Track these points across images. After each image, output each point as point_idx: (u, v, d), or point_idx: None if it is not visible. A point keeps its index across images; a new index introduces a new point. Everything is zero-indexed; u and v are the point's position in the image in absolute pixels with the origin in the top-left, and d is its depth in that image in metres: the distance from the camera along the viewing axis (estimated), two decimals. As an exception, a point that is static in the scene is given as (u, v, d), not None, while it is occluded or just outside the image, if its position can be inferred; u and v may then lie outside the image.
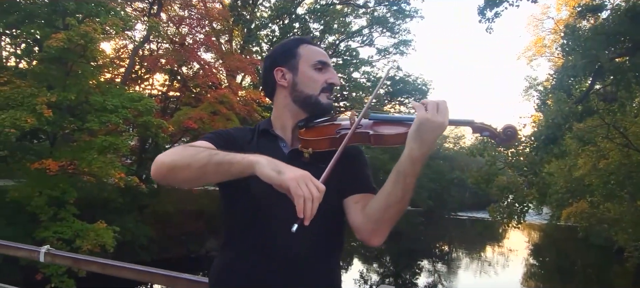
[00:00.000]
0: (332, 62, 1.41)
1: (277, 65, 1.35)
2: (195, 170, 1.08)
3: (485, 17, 13.06)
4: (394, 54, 23.71)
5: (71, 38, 9.32)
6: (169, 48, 15.68)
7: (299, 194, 0.94)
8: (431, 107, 1.11)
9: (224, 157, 1.06)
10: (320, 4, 21.58)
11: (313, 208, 0.96)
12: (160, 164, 1.13)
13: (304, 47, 1.36)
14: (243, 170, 1.04)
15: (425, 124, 1.09)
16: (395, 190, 1.14)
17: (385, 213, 1.17)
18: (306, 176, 0.98)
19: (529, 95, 23.95)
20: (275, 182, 0.99)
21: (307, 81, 1.31)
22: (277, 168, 1.00)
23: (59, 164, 9.47)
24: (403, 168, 1.12)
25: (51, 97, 9.29)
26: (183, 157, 1.11)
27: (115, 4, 12.44)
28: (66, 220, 9.54)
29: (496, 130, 1.19)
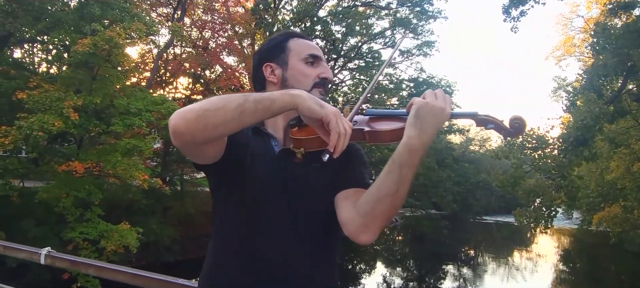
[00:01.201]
0: (325, 57, 1.34)
1: (266, 60, 1.30)
2: (232, 111, 0.98)
3: (511, 16, 12.76)
4: (417, 55, 23.41)
5: (96, 43, 9.57)
6: (192, 52, 15.94)
7: (336, 130, 0.98)
8: (430, 93, 1.08)
9: (261, 94, 1.01)
10: (342, 6, 21.51)
11: (344, 143, 0.99)
12: (184, 112, 1.00)
13: (294, 41, 1.30)
14: (284, 106, 1.01)
15: (424, 107, 1.04)
16: (388, 181, 1.05)
17: (377, 207, 1.07)
18: (338, 112, 1.01)
19: (558, 96, 23.24)
20: (317, 114, 1.00)
21: (298, 76, 1.25)
22: (319, 102, 1.01)
23: (84, 166, 9.74)
24: (399, 158, 1.04)
25: (78, 101, 9.56)
26: (212, 102, 1.00)
27: (140, 9, 12.75)
28: (92, 221, 9.78)
29: (502, 122, 1.10)
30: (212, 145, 1.09)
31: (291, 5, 20.99)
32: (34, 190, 10.14)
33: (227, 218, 1.21)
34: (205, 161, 1.17)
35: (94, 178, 10.37)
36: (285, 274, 1.13)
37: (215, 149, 1.13)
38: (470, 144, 41.27)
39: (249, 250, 1.15)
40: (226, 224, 1.21)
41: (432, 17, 22.32)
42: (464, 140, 37.99)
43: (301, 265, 1.15)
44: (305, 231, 1.17)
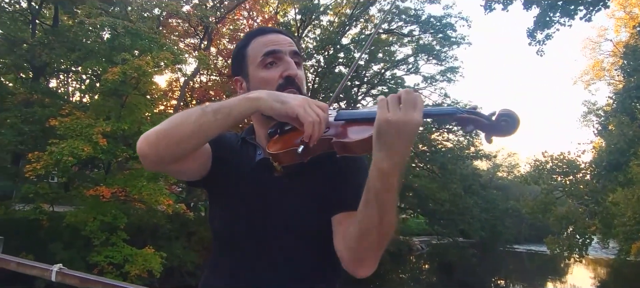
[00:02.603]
0: (294, 47, 1.15)
1: (234, 74, 1.20)
2: (191, 124, 0.94)
3: (536, 40, 12.57)
4: (440, 81, 23.30)
5: (126, 71, 9.93)
6: (218, 80, 16.32)
7: (308, 120, 0.91)
8: (392, 102, 0.86)
9: (219, 103, 0.95)
10: (365, 34, 21.75)
11: (321, 130, 0.92)
12: (147, 135, 0.99)
13: (253, 44, 1.15)
14: (244, 111, 0.95)
15: (385, 126, 0.85)
16: (369, 213, 0.90)
17: (364, 241, 0.93)
18: (308, 100, 0.94)
19: (588, 120, 22.57)
20: (281, 112, 0.94)
21: (259, 85, 1.10)
22: (280, 99, 0.95)
23: (111, 191, 9.96)
24: (373, 186, 0.88)
25: (106, 128, 9.86)
26: (171, 120, 0.98)
27: (169, 40, 13.22)
28: (117, 245, 9.92)
29: (487, 119, 0.87)
30: (184, 162, 1.02)
31: (314, 34, 21.39)
32: (62, 215, 10.40)
33: (215, 234, 1.16)
34: (191, 178, 1.13)
35: (120, 203, 10.58)
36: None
37: (193, 166, 1.07)
38: (498, 170, 40.30)
39: (228, 270, 1.09)
40: (214, 240, 1.16)
41: (455, 43, 22.26)
42: (492, 166, 37.14)
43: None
44: (284, 251, 1.05)
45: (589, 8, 10.97)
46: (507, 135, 0.86)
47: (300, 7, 19.80)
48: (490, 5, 11.96)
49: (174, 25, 15.56)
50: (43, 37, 11.52)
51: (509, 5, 11.85)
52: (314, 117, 0.91)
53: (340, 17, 21.17)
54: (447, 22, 21.42)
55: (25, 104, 10.88)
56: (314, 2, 19.84)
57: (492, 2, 11.90)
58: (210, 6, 15.47)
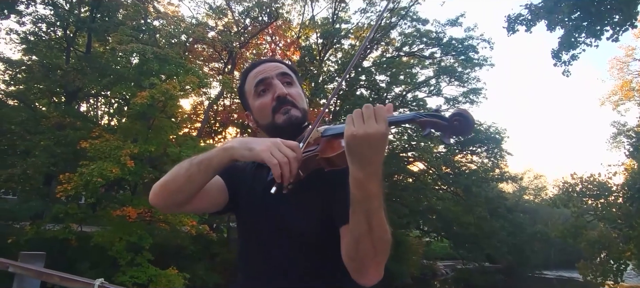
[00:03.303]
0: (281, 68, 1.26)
1: (244, 110, 1.34)
2: (182, 176, 1.10)
3: (561, 61, 12.38)
4: (463, 103, 23.07)
5: (154, 95, 10.24)
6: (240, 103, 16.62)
7: (273, 163, 0.96)
8: (357, 117, 0.91)
9: (203, 155, 1.08)
10: (386, 56, 21.88)
11: (292, 169, 0.96)
12: (153, 192, 1.17)
13: (247, 80, 1.29)
14: (221, 160, 1.06)
15: (352, 140, 0.90)
16: (357, 222, 0.96)
17: (359, 250, 0.98)
18: (276, 142, 0.99)
19: (618, 142, 21.87)
20: (249, 159, 1.02)
21: (259, 113, 1.25)
22: (248, 146, 1.02)
23: (137, 212, 10.14)
24: (353, 196, 0.94)
25: (134, 149, 10.12)
26: (170, 172, 1.14)
27: (194, 64, 13.61)
28: (142, 265, 10.05)
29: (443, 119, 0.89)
30: (192, 204, 1.16)
31: (335, 57, 21.62)
32: (90, 235, 10.63)
33: (238, 253, 1.27)
34: (211, 211, 1.27)
35: (145, 223, 10.75)
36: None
37: (203, 204, 1.22)
38: (524, 193, 39.25)
39: (242, 283, 1.21)
40: (239, 258, 1.26)
41: (477, 64, 22.11)
42: (518, 189, 36.21)
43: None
44: (296, 253, 1.14)
45: (616, 28, 10.77)
46: (463, 134, 0.87)
47: (321, 31, 20.13)
48: (513, 27, 11.87)
49: (199, 50, 16.02)
50: (76, 63, 12.03)
51: (532, 26, 11.73)
52: (281, 159, 0.96)
53: (361, 40, 21.37)
54: (469, 44, 21.34)
55: (58, 127, 11.30)
56: (335, 26, 20.15)
57: (515, 24, 11.82)
58: (235, 32, 15.90)
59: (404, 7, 20.11)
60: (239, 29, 16.09)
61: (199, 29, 13.56)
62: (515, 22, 11.67)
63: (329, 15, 20.59)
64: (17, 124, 11.17)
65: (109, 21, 12.37)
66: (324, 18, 20.80)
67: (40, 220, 10.35)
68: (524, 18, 11.55)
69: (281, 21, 17.91)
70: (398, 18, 20.46)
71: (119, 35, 11.10)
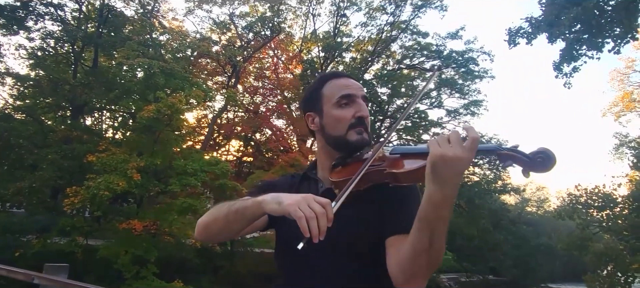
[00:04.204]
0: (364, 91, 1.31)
1: (307, 110, 1.34)
2: (221, 221, 1.16)
3: (563, 73, 12.47)
4: (464, 114, 23.17)
5: (160, 109, 10.34)
6: (244, 116, 16.73)
7: (298, 216, 0.95)
8: (443, 141, 0.96)
9: (240, 204, 1.11)
10: (387, 69, 22.02)
11: (320, 225, 0.94)
12: (198, 226, 1.24)
13: (328, 85, 1.30)
14: (255, 211, 1.08)
15: (439, 161, 0.94)
16: (420, 238, 1.00)
17: (414, 264, 1.03)
18: (307, 197, 0.98)
19: (621, 153, 21.88)
20: (278, 213, 1.01)
21: (333, 122, 1.26)
22: (278, 199, 1.02)
23: (143, 225, 10.16)
24: (425, 215, 0.98)
25: (140, 163, 10.18)
26: (212, 213, 1.21)
27: (199, 78, 13.74)
28: (147, 278, 10.02)
29: (524, 156, 0.95)
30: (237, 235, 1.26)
31: (337, 70, 21.77)
32: (95, 248, 10.62)
33: (279, 269, 1.29)
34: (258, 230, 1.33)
35: (150, 236, 10.75)
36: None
37: (250, 231, 1.27)
38: (526, 205, 39.10)
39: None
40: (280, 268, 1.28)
41: (478, 77, 22.23)
42: (520, 201, 36.08)
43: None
44: (345, 273, 1.16)
45: (617, 40, 10.87)
46: (544, 171, 0.94)
47: (323, 45, 20.31)
48: (514, 39, 11.97)
49: (204, 64, 16.20)
50: (83, 77, 12.16)
51: (533, 39, 11.83)
52: (308, 213, 0.94)
53: (363, 53, 21.56)
54: (469, 57, 21.49)
55: (64, 141, 11.38)
56: (337, 40, 20.33)
57: (516, 37, 11.92)
58: (238, 46, 16.08)
59: (405, 21, 20.32)
60: (243, 43, 16.28)
61: (204, 43, 13.73)
62: (516, 35, 11.77)
63: (330, 29, 20.80)
64: (25, 138, 11.25)
65: (116, 36, 12.52)
66: (326, 32, 21.01)
67: (47, 233, 10.36)
68: (524, 31, 11.65)
69: (283, 35, 18.12)
70: (399, 31, 20.66)
71: (125, 50, 11.24)
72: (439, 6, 19.74)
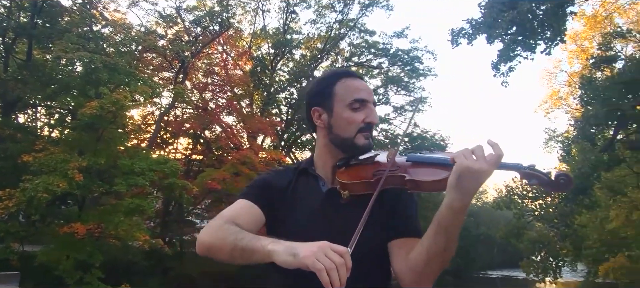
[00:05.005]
0: (373, 96, 1.32)
1: (313, 105, 1.32)
2: (227, 253, 1.08)
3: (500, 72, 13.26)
4: (409, 111, 23.99)
5: (103, 105, 9.83)
6: (193, 113, 16.29)
7: (318, 268, 0.89)
8: (469, 154, 1.02)
9: (248, 243, 1.04)
10: (336, 66, 22.29)
11: (340, 275, 0.90)
12: (200, 244, 1.16)
13: (341, 84, 1.29)
14: (263, 259, 1.01)
15: (466, 172, 0.99)
16: (437, 242, 1.06)
17: (428, 266, 1.09)
18: (323, 246, 0.93)
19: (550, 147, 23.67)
20: (293, 266, 0.94)
21: (343, 124, 1.26)
22: (292, 251, 0.95)
23: (86, 228, 9.64)
24: (444, 220, 1.04)
25: (82, 162, 9.63)
26: (217, 239, 1.11)
27: (144, 74, 13.19)
28: (92, 284, 9.55)
29: (547, 177, 1.05)
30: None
31: (288, 67, 21.75)
32: (33, 254, 9.94)
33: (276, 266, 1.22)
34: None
35: (94, 239, 10.22)
36: None
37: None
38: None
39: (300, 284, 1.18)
40: (274, 273, 1.21)
41: (422, 75, 23.05)
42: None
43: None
44: (358, 268, 1.11)
45: (548, 43, 11.74)
46: (565, 191, 1.09)
47: (273, 41, 20.21)
48: (457, 40, 12.55)
49: (149, 59, 15.55)
50: (16, 71, 11.27)
51: (474, 40, 12.46)
52: (328, 264, 0.90)
53: (312, 51, 21.69)
54: (414, 55, 22.22)
55: (-5, 140, 10.52)
56: (287, 37, 20.30)
57: (458, 37, 12.51)
58: (186, 41, 15.61)
59: (353, 19, 20.67)
60: (190, 38, 15.81)
61: (150, 37, 13.19)
62: (458, 36, 12.36)
63: (280, 26, 20.73)
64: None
65: (52, 28, 11.72)
66: (275, 28, 20.91)
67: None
68: (466, 32, 12.26)
69: (233, 31, 17.81)
70: (347, 29, 20.98)
71: (63, 43, 10.54)
72: (386, 5, 20.25)
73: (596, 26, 19.35)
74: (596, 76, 13.13)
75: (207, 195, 14.50)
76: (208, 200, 15.25)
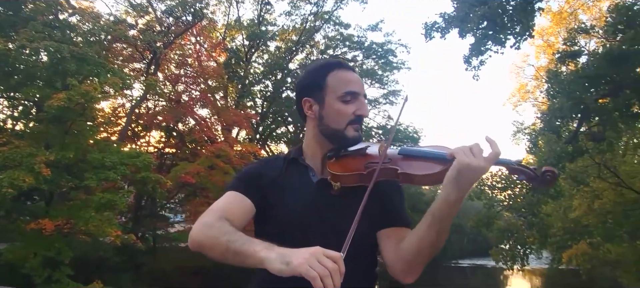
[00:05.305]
0: (365, 89, 1.34)
1: (304, 95, 1.32)
2: (219, 254, 1.07)
3: (471, 66, 13.56)
4: (383, 104, 24.27)
5: (72, 97, 9.50)
6: (166, 105, 15.96)
7: (312, 276, 0.88)
8: (467, 152, 1.06)
9: (240, 247, 1.02)
10: (311, 59, 22.28)
11: (334, 281, 0.89)
12: (192, 241, 1.15)
13: (333, 76, 1.29)
14: (256, 265, 0.99)
15: (466, 169, 1.04)
16: (429, 234, 1.10)
17: (419, 256, 1.13)
18: (316, 253, 0.91)
19: (518, 139, 24.43)
20: (287, 274, 0.93)
21: (334, 115, 1.27)
22: (285, 259, 0.94)
23: (55, 224, 9.33)
24: (439, 212, 1.08)
25: (50, 156, 9.30)
26: (209, 238, 1.10)
27: (114, 65, 12.82)
28: (61, 282, 9.27)
29: (534, 173, 1.10)
30: None
31: (262, 59, 21.60)
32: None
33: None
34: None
35: (63, 236, 9.92)
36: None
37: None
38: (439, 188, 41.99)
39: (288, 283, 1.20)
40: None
41: (396, 68, 23.33)
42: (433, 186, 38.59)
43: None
44: (351, 257, 1.14)
45: (517, 37, 12.08)
46: (550, 186, 1.17)
47: (247, 33, 19.99)
48: (430, 33, 12.75)
49: (119, 50, 15.11)
50: (-25, 61, 10.71)
51: (446, 33, 12.68)
52: (322, 271, 0.88)
53: (287, 43, 21.59)
54: (388, 49, 22.44)
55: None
56: (261, 28, 20.12)
57: (431, 31, 12.70)
58: (158, 31, 15.24)
59: (328, 11, 20.67)
60: (162, 29, 15.44)
61: (120, 27, 12.81)
62: (432, 29, 12.56)
63: (255, 17, 20.53)
64: None
65: (15, 16, 11.21)
66: (250, 19, 20.70)
67: None
68: (439, 26, 12.47)
69: (206, 21, 17.50)
70: (322, 22, 20.97)
71: (28, 32, 10.10)
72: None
73: (562, 22, 20.03)
74: (561, 70, 13.59)
75: (181, 189, 14.28)
76: (182, 195, 15.02)
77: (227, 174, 13.20)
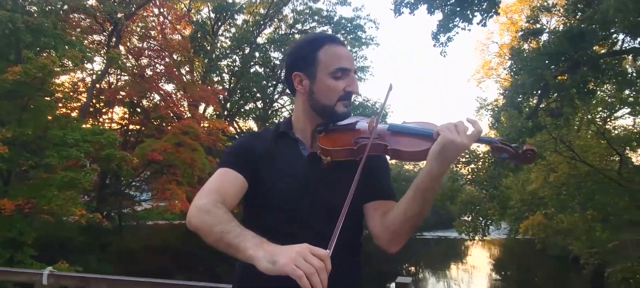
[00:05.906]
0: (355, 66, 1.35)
1: (295, 69, 1.32)
2: (213, 242, 1.07)
3: (439, 42, 13.78)
4: (355, 79, 24.34)
5: (28, 71, 9.01)
6: (129, 80, 15.39)
7: (298, 275, 0.87)
8: (453, 129, 1.11)
9: (232, 241, 1.01)
10: (279, 33, 21.97)
11: (321, 278, 0.87)
12: (189, 223, 1.14)
13: (325, 51, 1.30)
14: (246, 259, 0.99)
15: (448, 145, 1.09)
16: (413, 206, 1.15)
17: (404, 226, 1.19)
18: (302, 251, 0.90)
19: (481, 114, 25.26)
20: (274, 273, 0.92)
21: (324, 90, 1.28)
22: (272, 258, 0.92)
23: (15, 204, 8.95)
24: (423, 185, 1.13)
25: (6, 133, 8.85)
26: (204, 224, 1.09)
27: (73, 36, 12.19)
28: (24, 263, 8.96)
29: (516, 151, 1.17)
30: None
31: (230, 33, 21.08)
32: (-48, 234, 9.11)
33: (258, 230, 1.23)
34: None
35: (24, 216, 9.54)
36: None
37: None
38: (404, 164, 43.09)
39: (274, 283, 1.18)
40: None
41: (364, 43, 23.36)
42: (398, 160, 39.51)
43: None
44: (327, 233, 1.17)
45: (484, 14, 12.34)
46: (530, 163, 1.21)
47: (214, 5, 19.40)
48: (399, 9, 12.81)
49: (77, 21, 14.34)
50: None
51: (415, 9, 12.79)
52: (308, 269, 0.87)
53: (255, 16, 21.14)
54: (357, 24, 22.39)
55: None
56: (228, 0, 19.57)
57: (401, 6, 12.77)
58: (118, 1, 14.55)
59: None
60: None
61: (78, -5, 12.13)
62: (401, 5, 12.64)
63: (221, -12, 19.90)
64: None
65: (-39, -18, 10.41)
66: (216, -10, 20.05)
67: None
68: (408, 2, 12.55)
69: (170, -8, 16.85)
70: (290, -5, 20.63)
71: (-24, 0, 9.44)
72: (329, -29, 20.08)
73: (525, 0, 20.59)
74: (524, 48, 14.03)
75: (147, 167, 13.96)
76: (148, 172, 14.69)
77: (195, 151, 12.99)
